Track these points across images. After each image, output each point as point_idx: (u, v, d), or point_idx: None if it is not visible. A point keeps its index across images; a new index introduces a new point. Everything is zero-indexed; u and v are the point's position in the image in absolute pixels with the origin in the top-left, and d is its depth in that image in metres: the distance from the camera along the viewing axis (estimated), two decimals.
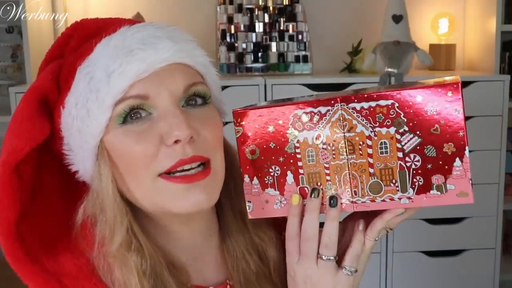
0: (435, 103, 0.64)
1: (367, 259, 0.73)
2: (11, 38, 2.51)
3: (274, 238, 0.81)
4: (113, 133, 0.69)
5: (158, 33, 0.71)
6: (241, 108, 0.74)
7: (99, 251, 0.71)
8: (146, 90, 0.68)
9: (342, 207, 0.70)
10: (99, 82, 0.68)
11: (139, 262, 0.70)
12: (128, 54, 0.68)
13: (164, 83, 0.69)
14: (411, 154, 0.66)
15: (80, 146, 0.71)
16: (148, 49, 0.69)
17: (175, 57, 0.71)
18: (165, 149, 0.68)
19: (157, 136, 0.68)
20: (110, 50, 0.69)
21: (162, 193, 0.70)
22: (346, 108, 0.68)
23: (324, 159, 0.70)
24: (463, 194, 0.66)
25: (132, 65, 0.68)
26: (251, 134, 0.73)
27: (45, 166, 0.74)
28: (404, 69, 2.32)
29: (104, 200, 0.71)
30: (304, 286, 0.72)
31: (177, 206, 0.70)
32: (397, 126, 0.66)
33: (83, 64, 0.70)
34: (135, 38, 0.70)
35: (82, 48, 0.73)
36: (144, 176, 0.69)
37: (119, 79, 0.68)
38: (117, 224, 0.70)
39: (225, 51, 2.43)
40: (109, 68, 0.68)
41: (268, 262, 0.81)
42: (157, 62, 0.69)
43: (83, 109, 0.69)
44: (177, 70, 0.71)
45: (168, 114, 0.68)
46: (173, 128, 0.67)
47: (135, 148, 0.68)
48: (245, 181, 0.74)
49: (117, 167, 0.71)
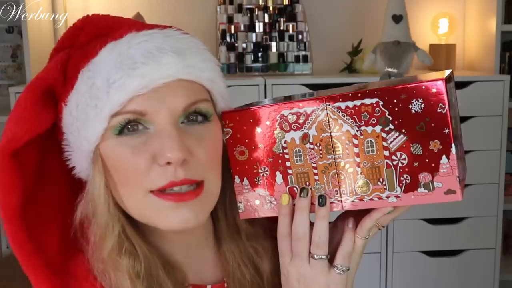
0: (420, 100, 0.64)
1: (360, 257, 0.74)
2: (11, 38, 2.51)
3: (271, 249, 0.80)
4: (108, 143, 0.69)
5: (164, 44, 0.69)
6: (230, 109, 0.74)
7: (94, 253, 0.71)
8: (144, 106, 0.67)
9: (331, 206, 0.70)
10: (99, 91, 0.67)
11: (132, 265, 0.70)
12: (130, 66, 0.67)
13: (164, 101, 0.67)
14: (398, 153, 0.66)
15: (78, 146, 0.71)
16: (150, 63, 0.67)
17: (179, 74, 0.68)
18: (157, 168, 0.67)
19: (150, 154, 0.67)
20: (114, 57, 0.68)
21: (152, 208, 0.69)
22: (331, 108, 0.68)
23: (312, 159, 0.70)
24: (451, 191, 0.65)
25: (132, 79, 0.66)
26: (239, 135, 0.73)
27: (51, 154, 0.74)
28: (404, 69, 2.32)
29: (97, 206, 0.71)
30: (298, 285, 0.72)
31: (164, 223, 0.69)
32: (382, 125, 0.66)
33: (86, 67, 0.69)
34: (140, 49, 0.68)
35: (89, 46, 0.72)
36: (135, 191, 0.69)
37: (119, 92, 0.66)
38: (108, 230, 0.70)
39: (225, 51, 2.43)
40: (110, 78, 0.67)
41: (262, 275, 0.81)
42: (158, 79, 0.67)
43: (83, 113, 0.69)
44: (180, 87, 0.69)
45: (164, 134, 0.67)
46: (166, 149, 0.66)
47: (128, 162, 0.68)
48: (236, 182, 0.74)
49: (112, 176, 0.70)
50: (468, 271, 2.41)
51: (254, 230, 0.80)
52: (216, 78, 0.74)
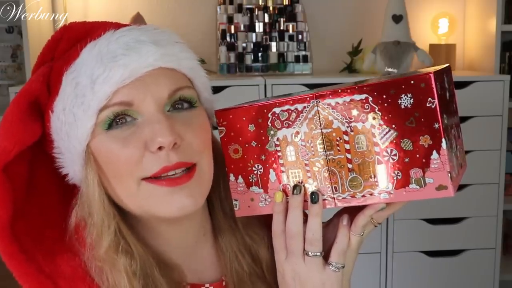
0: (409, 95, 0.63)
1: (355, 255, 0.74)
2: (11, 38, 2.51)
3: (266, 237, 0.81)
4: (98, 139, 0.70)
5: (143, 37, 0.71)
6: (223, 108, 0.74)
7: (90, 253, 0.71)
8: (130, 96, 0.68)
9: (324, 204, 0.70)
10: (84, 88, 0.68)
11: (128, 263, 0.71)
12: (112, 59, 0.68)
13: (149, 89, 0.69)
14: (388, 148, 0.65)
15: (69, 150, 0.71)
16: (131, 54, 0.69)
17: (160, 62, 0.70)
18: (149, 155, 0.68)
19: (141, 142, 0.68)
20: (95, 55, 0.69)
21: (147, 196, 0.70)
22: (321, 104, 0.68)
23: (304, 156, 0.70)
24: (442, 187, 0.64)
25: (115, 71, 0.68)
26: (233, 133, 0.73)
27: (40, 167, 0.75)
28: (404, 69, 2.32)
29: (92, 204, 0.71)
30: (293, 283, 0.72)
31: (162, 210, 0.70)
32: (372, 121, 0.66)
33: (69, 69, 0.70)
34: (119, 43, 0.70)
35: (70, 52, 0.73)
36: (129, 181, 0.70)
37: (103, 85, 0.68)
38: (104, 228, 0.71)
39: (225, 51, 2.43)
40: (94, 74, 0.68)
41: (261, 262, 0.81)
42: (140, 68, 0.69)
43: (70, 115, 0.69)
44: (162, 75, 0.70)
45: (152, 120, 0.68)
46: (157, 134, 0.67)
47: (120, 153, 0.69)
48: (231, 180, 0.75)
49: (104, 172, 0.71)
50: (468, 271, 2.41)
51: (249, 219, 0.80)
52: (196, 67, 0.76)
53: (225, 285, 0.80)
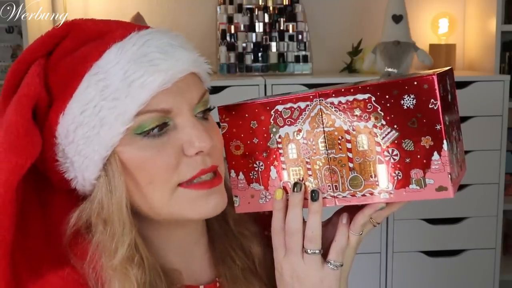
0: (412, 96, 0.64)
1: (354, 253, 0.74)
2: (11, 38, 2.51)
3: (258, 234, 0.82)
4: (131, 144, 0.68)
5: (173, 41, 0.71)
6: (226, 104, 0.74)
7: (94, 262, 0.69)
8: (169, 104, 0.68)
9: (324, 202, 0.70)
10: (117, 92, 0.66)
11: (140, 275, 0.69)
12: (150, 63, 0.67)
13: (184, 96, 0.69)
14: (390, 148, 0.66)
15: (84, 154, 0.68)
16: (169, 59, 0.68)
17: (192, 67, 0.71)
18: (186, 160, 0.69)
19: (177, 147, 0.69)
20: (127, 57, 0.67)
21: (182, 201, 0.70)
22: (324, 103, 0.68)
23: (305, 154, 0.70)
24: (443, 188, 0.65)
25: (157, 75, 0.66)
26: (235, 130, 0.73)
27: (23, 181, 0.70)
28: (404, 69, 2.32)
29: (113, 213, 0.69)
30: (291, 280, 0.72)
31: (198, 211, 0.71)
32: (374, 120, 0.66)
33: (91, 71, 0.67)
34: (151, 46, 0.68)
35: (83, 51, 0.69)
36: (165, 187, 0.69)
37: (142, 90, 0.66)
38: (124, 237, 0.69)
39: (225, 51, 2.43)
40: (129, 77, 0.66)
41: (253, 258, 0.82)
42: (177, 73, 0.68)
43: (95, 118, 0.66)
44: (191, 80, 0.71)
45: (188, 125, 0.69)
46: (195, 139, 0.68)
47: (157, 160, 0.68)
48: (232, 176, 0.75)
49: (133, 179, 0.69)
50: (468, 271, 2.41)
51: (241, 216, 0.81)
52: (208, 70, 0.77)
53: (219, 286, 0.80)
